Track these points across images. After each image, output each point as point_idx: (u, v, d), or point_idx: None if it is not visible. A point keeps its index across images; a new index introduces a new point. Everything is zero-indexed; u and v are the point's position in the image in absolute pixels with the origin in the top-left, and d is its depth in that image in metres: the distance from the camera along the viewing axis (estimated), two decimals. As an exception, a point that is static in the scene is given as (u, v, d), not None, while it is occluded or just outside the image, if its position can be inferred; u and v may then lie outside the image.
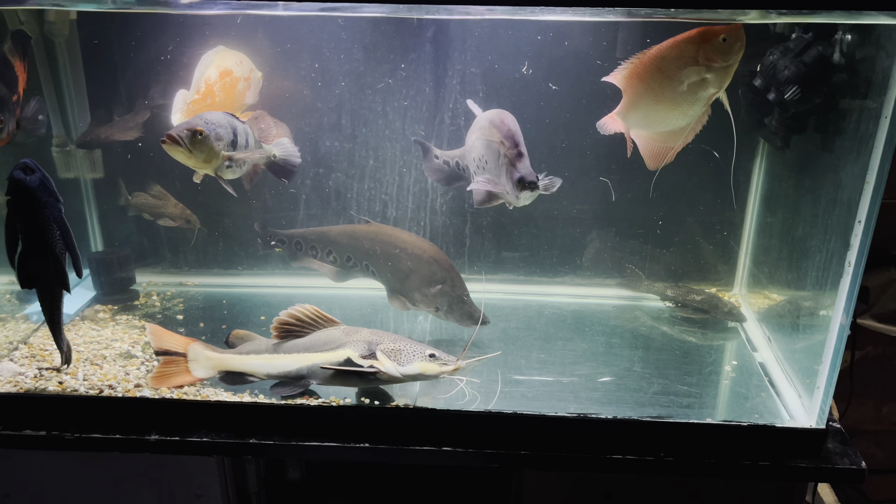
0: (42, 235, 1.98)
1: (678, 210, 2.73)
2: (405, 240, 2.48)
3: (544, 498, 2.19)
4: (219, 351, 2.19)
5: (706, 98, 1.92)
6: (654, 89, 1.93)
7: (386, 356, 2.04)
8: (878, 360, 3.32)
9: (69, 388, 2.13)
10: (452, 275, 2.44)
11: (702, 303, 2.67)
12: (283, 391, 2.09)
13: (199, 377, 2.17)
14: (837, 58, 2.02)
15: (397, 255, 2.47)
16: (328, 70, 2.50)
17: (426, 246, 2.47)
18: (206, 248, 2.88)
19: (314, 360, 2.09)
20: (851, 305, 1.90)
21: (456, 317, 2.43)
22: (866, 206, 1.82)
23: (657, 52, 1.88)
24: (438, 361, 2.04)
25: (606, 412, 2.05)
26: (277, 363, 2.13)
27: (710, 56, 1.82)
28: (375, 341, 2.07)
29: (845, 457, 2.00)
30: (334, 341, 2.10)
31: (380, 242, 2.50)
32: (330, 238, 2.59)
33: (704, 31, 1.82)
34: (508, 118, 2.15)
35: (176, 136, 1.99)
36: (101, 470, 2.20)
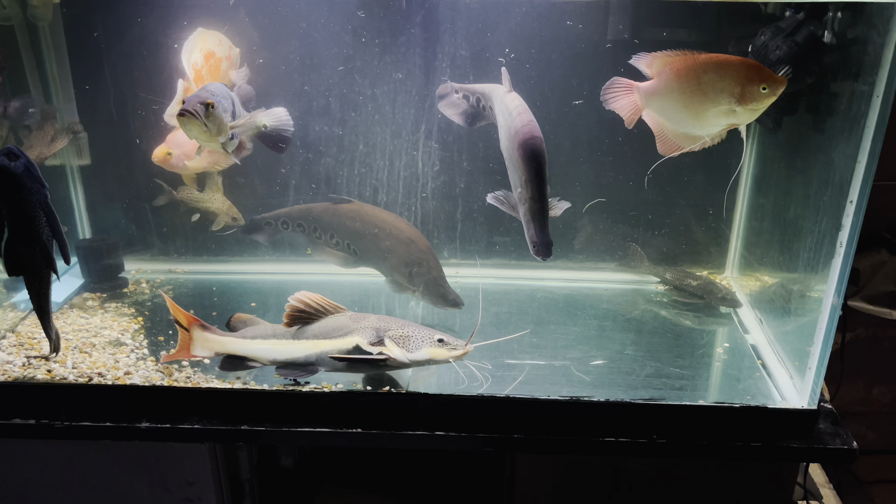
0: (28, 222, 1.95)
1: (670, 193, 2.72)
2: (384, 219, 2.47)
3: (537, 481, 2.19)
4: (219, 333, 2.15)
5: (727, 124, 1.93)
6: (686, 93, 1.92)
7: (394, 343, 2.02)
8: (869, 342, 3.34)
9: (58, 377, 2.11)
10: (429, 256, 2.44)
11: (697, 288, 2.66)
12: (291, 375, 2.07)
13: (196, 356, 2.15)
14: (829, 37, 2.01)
15: (376, 234, 2.46)
16: (314, 51, 2.48)
17: (404, 226, 2.47)
18: (196, 234, 2.85)
19: (323, 347, 2.07)
20: (843, 287, 1.90)
21: (431, 298, 2.43)
22: (858, 186, 1.82)
23: (704, 60, 1.87)
24: (447, 346, 2.02)
25: (599, 395, 2.05)
26: (285, 349, 2.10)
27: (745, 95, 1.84)
28: (383, 328, 2.05)
29: (837, 437, 2.00)
30: (342, 328, 2.08)
31: (360, 221, 2.49)
32: (313, 215, 2.58)
33: (749, 70, 1.84)
34: (538, 151, 1.96)
35: (192, 110, 1.94)
36: (91, 458, 2.19)
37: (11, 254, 1.99)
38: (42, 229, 1.98)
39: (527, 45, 2.45)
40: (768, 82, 1.82)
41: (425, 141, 2.60)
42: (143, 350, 2.31)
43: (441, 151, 2.62)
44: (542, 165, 1.94)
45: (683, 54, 1.89)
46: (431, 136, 2.59)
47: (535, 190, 1.94)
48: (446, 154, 2.63)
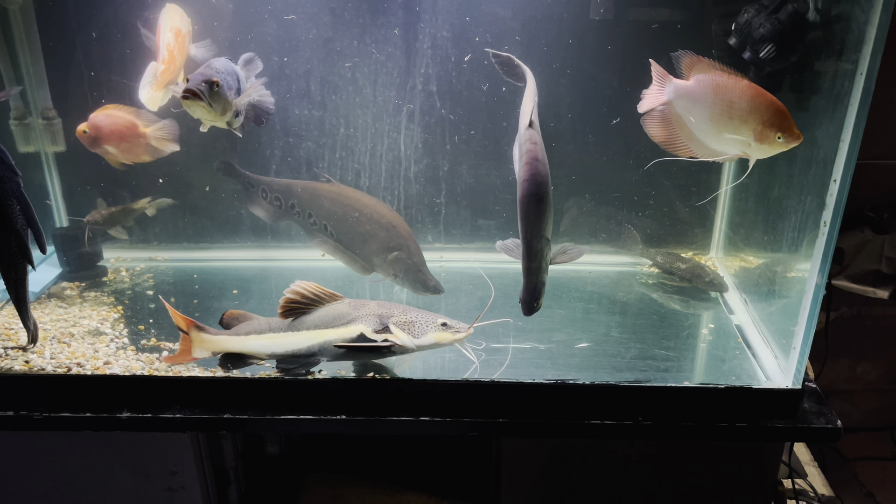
0: (1, 211, 1.91)
1: (654, 174, 2.71)
2: (365, 203, 2.45)
3: (523, 465, 2.19)
4: (214, 332, 2.11)
5: (741, 152, 1.95)
6: (716, 109, 1.92)
7: (400, 329, 1.99)
8: (853, 321, 3.36)
9: (36, 367, 2.08)
10: (409, 242, 2.41)
11: (685, 272, 2.65)
12: (293, 367, 2.04)
13: (195, 357, 2.11)
14: (812, 15, 1.99)
15: (357, 218, 2.43)
16: (292, 33, 2.43)
17: (385, 211, 2.44)
18: (176, 222, 2.81)
19: (326, 336, 2.03)
20: (827, 266, 1.90)
21: (411, 284, 2.41)
22: (841, 165, 1.81)
23: (743, 87, 1.87)
24: (451, 330, 2.00)
25: (584, 378, 2.04)
26: (284, 342, 2.06)
27: (762, 135, 1.86)
28: (386, 314, 2.02)
29: (821, 416, 2.01)
30: (344, 316, 2.04)
31: (340, 204, 2.46)
32: (293, 192, 2.54)
33: (774, 114, 1.85)
34: (532, 212, 1.82)
35: (196, 90, 1.87)
36: (72, 449, 2.16)
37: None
38: (16, 218, 1.94)
39: (508, 22, 2.42)
40: (785, 133, 1.84)
41: (407, 123, 2.57)
42: (124, 339, 2.28)
43: (424, 134, 2.60)
44: (533, 225, 1.84)
45: (728, 72, 1.90)
46: (413, 118, 2.56)
47: (525, 248, 1.86)
48: (429, 137, 2.61)
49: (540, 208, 1.83)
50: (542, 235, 1.85)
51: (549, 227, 1.90)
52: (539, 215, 1.83)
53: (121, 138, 2.34)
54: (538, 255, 1.86)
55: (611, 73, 2.56)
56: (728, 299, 2.62)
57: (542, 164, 1.85)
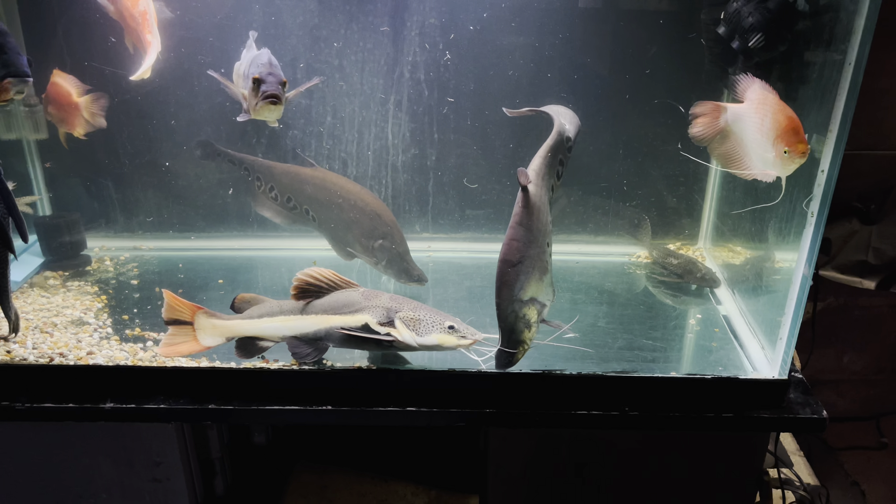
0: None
1: (642, 164, 2.70)
2: (350, 190, 2.43)
3: (510, 455, 2.19)
4: (225, 317, 2.09)
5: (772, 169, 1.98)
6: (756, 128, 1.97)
7: (404, 325, 1.97)
8: (840, 311, 3.37)
9: (18, 358, 2.05)
10: (393, 230, 2.40)
11: (677, 267, 2.64)
12: (301, 352, 2.02)
13: (206, 346, 2.08)
14: (801, 4, 1.99)
15: (340, 204, 2.42)
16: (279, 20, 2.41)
17: (370, 199, 2.43)
18: (161, 210, 2.79)
19: (332, 322, 2.01)
20: (814, 256, 1.90)
21: (394, 272, 2.40)
22: (829, 155, 1.80)
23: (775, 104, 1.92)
24: (457, 334, 1.96)
25: (571, 368, 2.04)
26: (296, 325, 2.04)
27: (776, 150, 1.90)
28: (395, 308, 1.99)
29: (807, 406, 2.01)
30: (353, 304, 2.02)
31: (324, 189, 2.44)
32: (274, 174, 2.52)
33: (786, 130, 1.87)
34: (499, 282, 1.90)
35: (279, 94, 1.87)
36: (55, 440, 2.14)
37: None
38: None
39: (497, 12, 2.40)
40: (790, 148, 1.86)
41: (395, 112, 2.55)
42: (107, 329, 2.25)
43: (411, 123, 2.58)
44: (501, 292, 1.89)
45: (770, 91, 1.94)
46: (401, 107, 2.54)
47: (496, 309, 1.91)
48: (416, 126, 2.59)
49: (509, 272, 1.88)
50: (514, 299, 1.89)
51: (533, 289, 1.92)
52: (506, 281, 1.88)
53: (57, 105, 2.32)
54: (506, 317, 1.91)
55: (600, 62, 2.55)
56: (716, 290, 2.62)
57: (524, 229, 1.88)
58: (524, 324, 1.93)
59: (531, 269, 1.90)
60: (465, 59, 2.48)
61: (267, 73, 1.90)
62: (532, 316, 1.94)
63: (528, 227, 1.89)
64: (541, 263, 1.93)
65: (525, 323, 1.93)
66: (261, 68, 1.91)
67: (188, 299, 2.07)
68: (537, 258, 1.91)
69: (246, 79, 1.97)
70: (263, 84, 1.88)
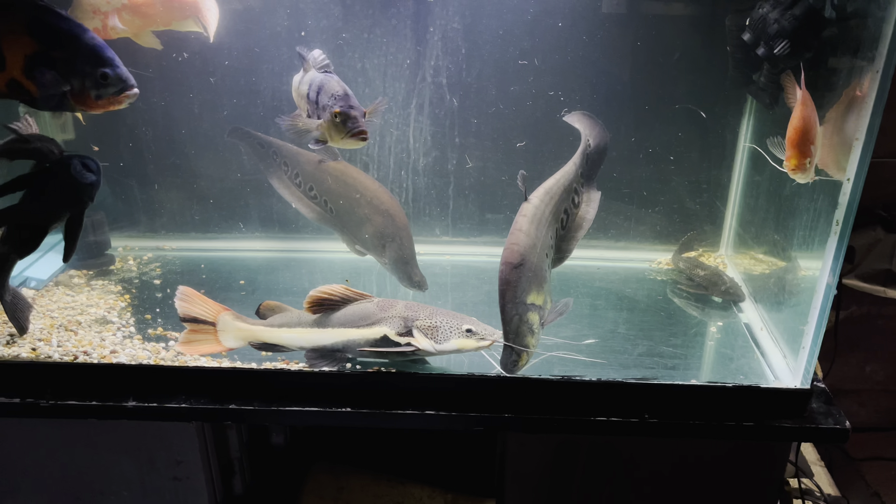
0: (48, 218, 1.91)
1: (664, 169, 2.69)
2: (367, 186, 2.43)
3: (528, 460, 2.18)
4: (249, 322, 2.12)
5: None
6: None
7: (422, 334, 1.99)
8: (863, 320, 3.33)
9: (43, 355, 2.08)
10: (403, 233, 2.40)
11: (703, 278, 2.61)
12: (319, 363, 2.04)
13: (228, 347, 2.11)
14: (829, 11, 1.97)
15: (357, 199, 2.42)
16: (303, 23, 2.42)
17: (385, 198, 2.42)
18: (184, 211, 2.81)
19: (350, 335, 2.04)
20: (838, 265, 1.88)
21: (397, 275, 2.41)
22: (855, 163, 1.79)
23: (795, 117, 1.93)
24: (476, 336, 1.98)
25: (590, 374, 2.03)
26: (311, 337, 2.07)
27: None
28: (411, 317, 2.01)
29: (829, 416, 1.99)
30: (369, 317, 2.04)
31: (343, 183, 2.45)
32: (300, 161, 2.54)
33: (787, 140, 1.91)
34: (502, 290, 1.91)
35: (367, 130, 1.88)
36: (78, 437, 2.16)
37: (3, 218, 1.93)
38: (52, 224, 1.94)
39: (519, 15, 2.40)
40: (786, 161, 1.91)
41: (416, 116, 2.56)
42: (130, 328, 2.28)
43: (432, 126, 2.58)
44: (504, 293, 1.90)
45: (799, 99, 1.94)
46: (423, 110, 2.54)
47: (500, 312, 1.92)
48: (437, 129, 2.59)
49: (512, 273, 1.90)
50: (517, 301, 1.90)
51: (534, 295, 1.94)
52: (509, 282, 1.90)
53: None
54: (510, 320, 1.91)
55: (622, 67, 2.54)
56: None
57: (525, 235, 1.94)
58: (527, 328, 1.94)
59: (532, 274, 1.93)
60: (487, 64, 2.48)
61: (348, 106, 1.88)
62: (535, 321, 1.96)
63: (528, 234, 1.95)
64: (540, 272, 1.97)
65: (528, 327, 1.94)
66: (340, 101, 1.89)
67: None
68: (538, 266, 1.95)
69: (314, 104, 1.97)
70: (350, 121, 1.87)
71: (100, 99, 1.78)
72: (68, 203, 1.91)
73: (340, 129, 1.87)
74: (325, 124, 1.90)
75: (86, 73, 1.75)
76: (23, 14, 1.69)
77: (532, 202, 2.01)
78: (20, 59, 1.72)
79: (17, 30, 1.70)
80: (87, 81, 1.75)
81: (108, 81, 1.76)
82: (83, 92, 1.77)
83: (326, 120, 1.89)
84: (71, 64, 1.74)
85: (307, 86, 2.00)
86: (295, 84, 2.11)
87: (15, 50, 1.72)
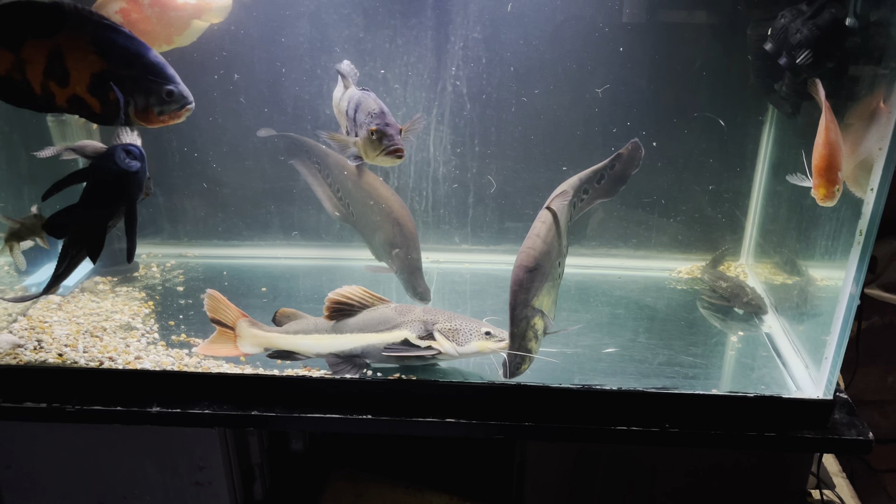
0: (105, 214, 1.91)
1: (685, 178, 2.69)
2: (381, 194, 2.45)
3: (548, 468, 2.18)
4: (265, 329, 2.15)
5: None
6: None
7: (444, 337, 2.01)
8: (885, 330, 3.30)
9: (69, 360, 2.11)
10: (410, 243, 2.40)
11: (725, 290, 2.59)
12: (343, 368, 2.06)
13: (244, 352, 2.15)
14: (851, 21, 1.96)
15: (371, 206, 2.45)
16: (325, 34, 2.45)
17: (397, 206, 2.44)
18: (206, 218, 2.84)
19: (370, 340, 2.06)
20: (862, 275, 1.87)
21: (403, 283, 2.42)
22: (879, 173, 1.78)
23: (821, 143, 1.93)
24: (494, 339, 2.01)
25: (611, 383, 2.03)
26: (330, 343, 2.09)
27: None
28: (431, 321, 2.03)
29: (852, 428, 1.98)
30: (389, 321, 2.06)
31: (360, 189, 2.49)
32: (329, 164, 2.58)
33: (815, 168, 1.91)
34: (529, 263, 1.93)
35: (404, 148, 1.91)
36: (102, 442, 2.19)
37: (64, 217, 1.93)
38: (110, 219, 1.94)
39: (540, 27, 2.41)
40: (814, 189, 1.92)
41: (437, 126, 2.57)
42: (154, 335, 2.30)
43: (453, 136, 2.60)
44: (517, 296, 1.92)
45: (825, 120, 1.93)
46: (443, 120, 2.56)
47: (510, 314, 1.93)
48: (458, 139, 2.61)
49: (526, 277, 1.91)
50: (528, 304, 1.92)
51: (543, 301, 1.97)
52: (522, 284, 1.91)
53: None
54: (519, 322, 1.93)
55: (642, 76, 2.54)
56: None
57: (542, 241, 1.96)
58: (533, 333, 1.95)
59: (543, 280, 1.95)
60: (507, 73, 2.50)
61: (384, 124, 1.91)
62: (540, 327, 1.97)
63: (545, 241, 1.96)
64: (551, 279, 1.99)
65: (534, 332, 1.96)
66: (377, 120, 1.92)
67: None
68: (549, 272, 1.97)
69: (352, 121, 2.00)
70: (386, 139, 1.89)
71: (162, 115, 1.82)
72: (118, 195, 1.91)
73: (376, 147, 1.89)
74: (362, 141, 1.93)
75: (151, 90, 1.79)
76: (89, 32, 1.73)
77: (551, 210, 2.03)
78: (86, 76, 1.76)
79: (84, 48, 1.73)
80: (151, 98, 1.79)
81: (172, 98, 1.80)
82: (147, 108, 1.81)
83: (363, 137, 1.92)
84: (137, 81, 1.78)
85: (346, 102, 2.03)
86: (335, 100, 2.15)
87: (81, 67, 1.75)
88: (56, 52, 1.74)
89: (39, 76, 1.76)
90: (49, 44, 1.73)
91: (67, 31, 1.72)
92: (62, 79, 1.76)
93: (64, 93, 1.78)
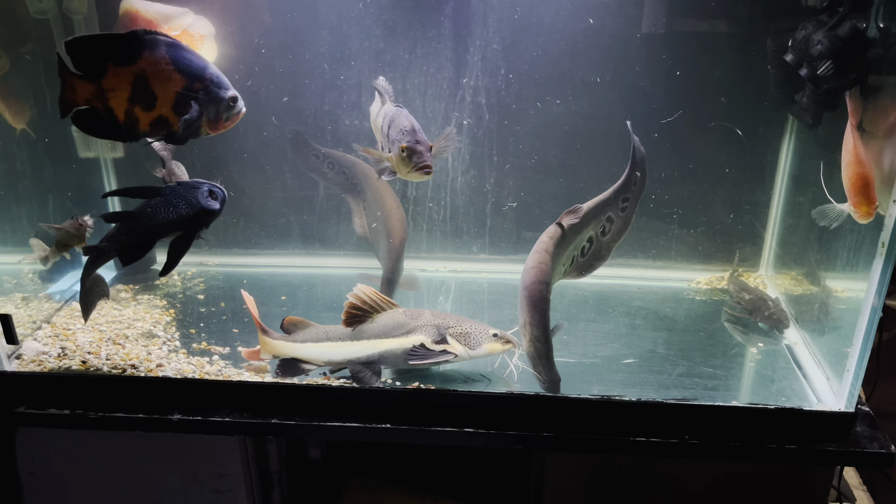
0: (159, 232, 1.95)
1: (704, 189, 2.68)
2: (384, 205, 2.51)
3: (566, 479, 2.18)
4: (276, 337, 2.17)
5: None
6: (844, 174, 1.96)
7: (457, 341, 2.05)
8: (906, 342, 3.26)
9: (92, 368, 2.14)
10: (392, 258, 2.45)
11: (748, 303, 2.58)
12: (364, 377, 2.08)
13: (263, 359, 2.19)
14: (873, 31, 1.96)
15: (378, 216, 2.52)
16: (345, 46, 2.47)
17: (394, 220, 2.48)
18: (227, 227, 2.87)
19: (386, 346, 2.08)
20: (884, 288, 1.86)
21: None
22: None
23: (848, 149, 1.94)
24: (501, 340, 2.07)
25: (630, 394, 2.03)
26: (344, 350, 2.11)
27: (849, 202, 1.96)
28: (443, 325, 2.07)
29: (874, 440, 1.96)
30: (402, 326, 2.08)
31: (373, 198, 2.55)
32: (354, 171, 2.65)
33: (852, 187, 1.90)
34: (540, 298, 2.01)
35: (432, 165, 1.93)
36: (124, 448, 2.21)
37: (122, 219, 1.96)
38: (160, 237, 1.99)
39: (557, 37, 2.42)
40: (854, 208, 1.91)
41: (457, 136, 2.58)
42: (175, 342, 2.33)
43: (471, 146, 2.61)
44: (545, 311, 1.98)
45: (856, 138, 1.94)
46: (461, 130, 2.57)
47: (540, 332, 1.98)
48: (476, 149, 2.62)
49: (546, 291, 2.00)
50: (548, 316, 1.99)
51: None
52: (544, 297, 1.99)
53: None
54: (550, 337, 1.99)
55: (661, 86, 2.54)
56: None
57: (550, 257, 2.05)
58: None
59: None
60: (526, 84, 2.50)
61: (415, 141, 1.94)
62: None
63: (553, 256, 2.05)
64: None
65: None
66: (407, 137, 1.94)
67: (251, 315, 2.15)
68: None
69: (385, 137, 2.03)
70: (415, 156, 1.92)
71: (228, 121, 1.87)
72: (185, 223, 1.94)
73: (407, 163, 1.92)
74: (394, 157, 1.96)
75: (220, 99, 1.82)
76: (164, 52, 1.75)
77: (560, 227, 2.11)
78: (171, 95, 1.78)
79: (165, 66, 1.76)
80: (220, 107, 1.83)
81: (236, 104, 1.84)
82: (217, 117, 1.85)
83: (395, 153, 1.95)
84: (208, 93, 1.81)
85: (381, 118, 2.06)
86: (372, 116, 2.18)
87: (167, 87, 1.77)
88: (140, 76, 1.76)
89: (124, 103, 1.79)
90: (133, 70, 1.76)
91: (147, 55, 1.75)
92: (148, 102, 1.79)
93: (149, 116, 1.81)
